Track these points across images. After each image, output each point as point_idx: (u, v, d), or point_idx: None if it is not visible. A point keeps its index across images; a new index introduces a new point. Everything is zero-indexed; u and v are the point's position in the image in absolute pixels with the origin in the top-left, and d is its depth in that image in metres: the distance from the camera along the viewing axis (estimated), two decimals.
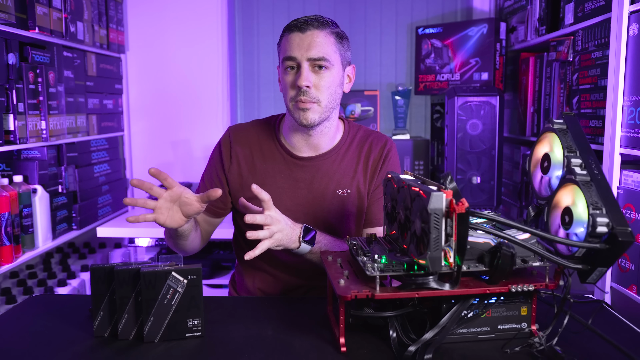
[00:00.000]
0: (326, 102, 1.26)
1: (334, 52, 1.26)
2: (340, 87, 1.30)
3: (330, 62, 1.24)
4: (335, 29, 1.28)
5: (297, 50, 1.23)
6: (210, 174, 1.40)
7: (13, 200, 1.74)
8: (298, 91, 1.24)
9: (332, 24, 1.28)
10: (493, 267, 0.87)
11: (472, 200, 2.17)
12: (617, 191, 1.45)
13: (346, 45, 1.31)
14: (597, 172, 0.87)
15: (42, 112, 1.89)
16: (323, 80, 1.25)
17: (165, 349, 0.93)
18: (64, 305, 1.16)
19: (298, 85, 1.23)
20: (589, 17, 1.63)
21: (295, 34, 1.24)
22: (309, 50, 1.23)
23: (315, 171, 1.34)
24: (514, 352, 0.89)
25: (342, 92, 1.32)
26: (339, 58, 1.28)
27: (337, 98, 1.30)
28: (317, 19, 1.26)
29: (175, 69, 2.63)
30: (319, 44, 1.23)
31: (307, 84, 1.23)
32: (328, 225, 1.34)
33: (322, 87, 1.25)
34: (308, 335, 0.97)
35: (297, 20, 1.26)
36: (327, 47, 1.24)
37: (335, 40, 1.26)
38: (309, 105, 1.24)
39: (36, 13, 1.82)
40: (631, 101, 1.40)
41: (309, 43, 1.23)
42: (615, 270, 1.46)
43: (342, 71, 1.30)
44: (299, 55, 1.23)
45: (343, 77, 1.31)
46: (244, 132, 1.39)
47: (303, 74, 1.23)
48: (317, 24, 1.24)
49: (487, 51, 2.39)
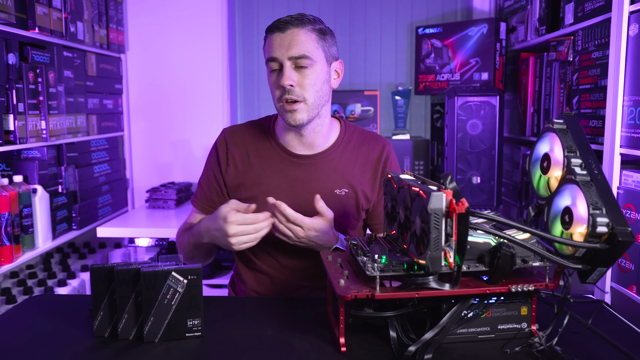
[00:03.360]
0: (312, 100, 1.26)
1: (316, 49, 1.25)
2: (327, 83, 1.29)
3: (312, 60, 1.24)
4: (318, 26, 1.27)
5: (278, 50, 1.23)
6: (207, 178, 1.40)
7: (13, 200, 1.74)
8: (283, 91, 1.24)
9: (314, 21, 1.27)
10: (493, 267, 0.87)
11: (472, 200, 2.17)
12: (617, 191, 1.45)
13: (330, 40, 1.30)
14: (597, 172, 0.87)
15: (42, 112, 1.89)
16: (307, 78, 1.24)
17: (165, 349, 0.93)
18: (64, 305, 1.16)
19: (281, 85, 1.23)
20: (589, 17, 1.63)
21: (276, 35, 1.24)
22: (290, 49, 1.22)
23: (312, 170, 1.34)
24: (514, 352, 0.89)
25: (329, 88, 1.31)
26: (322, 54, 1.27)
27: (325, 94, 1.29)
28: (298, 17, 1.25)
29: (175, 69, 2.63)
30: (299, 42, 1.23)
31: (290, 82, 1.23)
32: None
33: (307, 85, 1.24)
34: (308, 335, 0.97)
35: (278, 21, 1.25)
36: (309, 44, 1.24)
37: (317, 36, 1.25)
38: (295, 107, 1.24)
39: (36, 13, 1.82)
40: (631, 101, 1.40)
41: (290, 42, 1.23)
42: (615, 270, 1.46)
43: (328, 67, 1.29)
44: (279, 55, 1.23)
45: (329, 73, 1.30)
46: (239, 133, 1.39)
47: (285, 74, 1.22)
48: (297, 22, 1.24)
49: (487, 51, 2.39)
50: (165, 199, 2.53)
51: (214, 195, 1.38)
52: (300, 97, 1.24)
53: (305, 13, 1.28)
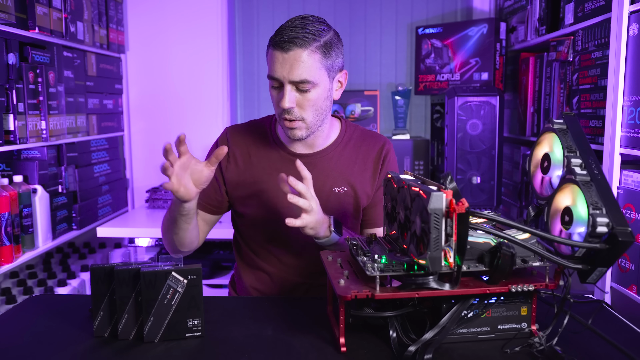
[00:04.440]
0: (311, 119, 1.25)
1: (319, 70, 1.21)
2: (328, 99, 1.27)
3: (313, 83, 1.21)
4: (323, 39, 1.21)
5: (280, 70, 1.20)
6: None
7: (13, 200, 1.74)
8: (283, 110, 1.23)
9: (318, 35, 1.20)
10: (493, 267, 0.87)
11: (472, 200, 2.17)
12: (617, 191, 1.45)
13: (335, 54, 1.25)
14: (597, 172, 0.87)
15: (42, 112, 1.89)
16: (307, 100, 1.23)
17: (165, 349, 0.93)
18: (64, 305, 1.16)
19: (281, 106, 1.22)
20: (589, 17, 1.63)
21: (278, 53, 1.20)
22: (291, 72, 1.19)
23: (311, 168, 1.34)
24: (514, 352, 0.89)
25: (331, 102, 1.30)
26: (326, 73, 1.23)
27: (325, 109, 1.28)
28: (302, 34, 1.18)
29: (175, 69, 2.63)
30: (301, 66, 1.19)
31: (291, 105, 1.21)
32: None
33: (306, 106, 1.23)
34: (308, 335, 0.97)
35: (280, 36, 1.20)
36: (311, 67, 1.20)
37: (320, 56, 1.21)
38: (295, 125, 1.24)
39: (36, 13, 1.82)
40: (631, 101, 1.40)
41: (292, 65, 1.19)
42: (615, 270, 1.46)
43: (330, 83, 1.27)
44: (281, 76, 1.21)
45: (331, 89, 1.28)
46: (241, 132, 1.39)
47: (286, 97, 1.21)
48: (300, 42, 1.18)
49: (487, 51, 2.39)
50: (165, 199, 2.52)
51: (212, 191, 1.38)
52: (299, 117, 1.24)
53: (310, 17, 1.23)
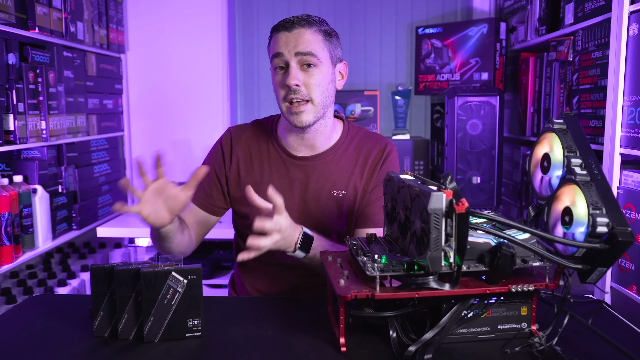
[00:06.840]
0: (319, 100, 1.26)
1: (322, 49, 1.26)
2: (332, 84, 1.30)
3: (318, 59, 1.25)
4: (323, 27, 1.29)
5: (285, 47, 1.24)
6: (208, 174, 1.39)
7: (13, 200, 1.74)
8: (288, 90, 1.24)
9: (319, 22, 1.28)
10: (493, 267, 0.87)
11: (472, 200, 2.17)
12: (617, 191, 1.44)
13: (335, 42, 1.31)
14: (597, 172, 0.87)
15: (42, 112, 1.89)
16: (312, 78, 1.25)
17: (165, 349, 0.93)
18: (64, 305, 1.16)
19: (287, 85, 1.23)
20: (589, 17, 1.63)
21: (282, 33, 1.25)
22: (297, 46, 1.23)
23: (311, 171, 1.34)
24: (514, 352, 0.89)
25: (334, 89, 1.32)
26: (328, 55, 1.28)
27: (330, 95, 1.30)
28: (304, 17, 1.27)
29: (175, 69, 2.63)
30: (306, 41, 1.24)
31: (296, 82, 1.23)
32: (321, 225, 1.33)
33: (313, 85, 1.25)
34: (308, 335, 0.97)
35: (284, 20, 1.27)
36: (315, 43, 1.25)
37: (322, 37, 1.27)
38: (302, 108, 1.24)
39: (36, 13, 1.82)
40: (631, 101, 1.40)
41: (296, 40, 1.24)
42: (615, 270, 1.46)
43: (332, 68, 1.30)
44: (286, 52, 1.24)
45: (334, 75, 1.31)
46: (244, 133, 1.39)
47: (292, 73, 1.23)
48: (303, 23, 1.25)
49: (487, 51, 2.39)
50: None
51: (214, 191, 1.38)
52: (306, 97, 1.24)
53: (310, 14, 1.29)
